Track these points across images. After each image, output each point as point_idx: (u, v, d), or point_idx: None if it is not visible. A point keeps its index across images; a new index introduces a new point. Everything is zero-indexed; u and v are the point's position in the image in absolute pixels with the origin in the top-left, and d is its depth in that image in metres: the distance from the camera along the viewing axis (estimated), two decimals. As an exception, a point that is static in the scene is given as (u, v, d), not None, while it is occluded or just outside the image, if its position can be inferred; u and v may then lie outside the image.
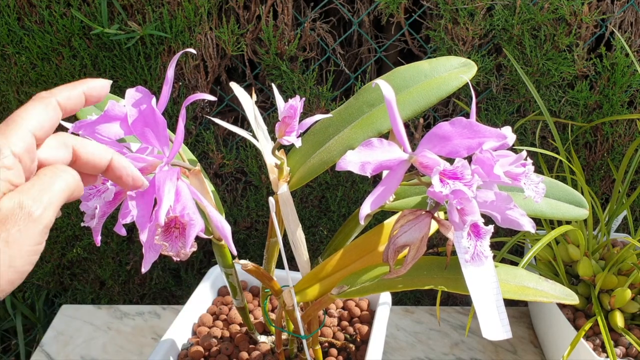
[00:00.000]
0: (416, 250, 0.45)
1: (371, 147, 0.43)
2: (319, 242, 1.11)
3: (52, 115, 0.34)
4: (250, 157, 1.03)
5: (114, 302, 1.19)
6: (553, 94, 0.99)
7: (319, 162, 0.54)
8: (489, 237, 0.43)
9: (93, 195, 0.42)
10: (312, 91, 0.97)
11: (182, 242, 0.38)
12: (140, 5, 0.90)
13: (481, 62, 0.96)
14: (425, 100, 0.52)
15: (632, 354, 0.78)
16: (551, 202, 0.55)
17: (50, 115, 0.34)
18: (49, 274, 1.15)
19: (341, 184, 1.05)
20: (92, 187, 0.41)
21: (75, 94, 0.36)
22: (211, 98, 0.42)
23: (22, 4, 0.89)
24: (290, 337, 0.68)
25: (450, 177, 0.41)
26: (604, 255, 0.86)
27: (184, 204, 0.39)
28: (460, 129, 0.42)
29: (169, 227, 0.38)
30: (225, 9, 0.94)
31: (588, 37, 0.95)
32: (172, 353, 0.69)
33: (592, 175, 1.07)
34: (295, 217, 0.55)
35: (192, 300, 0.76)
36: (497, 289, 0.48)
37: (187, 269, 1.15)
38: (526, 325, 0.97)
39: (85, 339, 0.92)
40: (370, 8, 0.95)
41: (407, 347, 0.92)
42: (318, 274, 0.58)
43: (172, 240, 0.38)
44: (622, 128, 1.02)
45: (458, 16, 0.92)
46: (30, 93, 0.97)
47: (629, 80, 0.97)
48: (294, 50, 0.94)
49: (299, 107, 0.52)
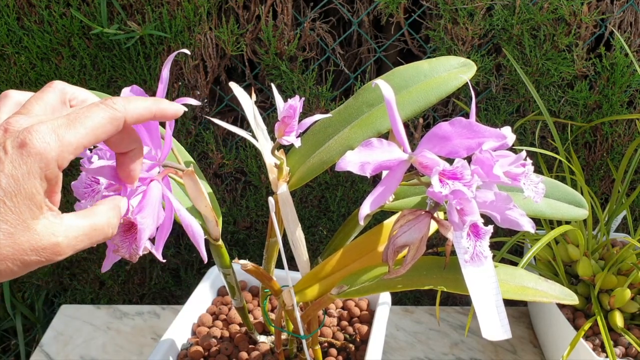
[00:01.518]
0: (416, 250, 0.45)
1: (371, 147, 0.43)
2: (319, 242, 1.11)
3: (108, 129, 0.33)
4: (250, 157, 1.03)
5: (113, 302, 1.18)
6: (552, 94, 0.99)
7: (318, 162, 0.54)
8: (489, 237, 0.43)
9: (87, 195, 0.42)
10: (312, 91, 0.97)
11: (135, 245, 0.38)
12: (139, 5, 0.90)
13: (481, 62, 0.96)
14: (425, 100, 0.52)
15: (631, 354, 0.78)
16: (551, 202, 0.55)
17: (107, 129, 0.33)
18: (48, 274, 1.15)
19: (341, 184, 1.05)
20: (87, 186, 0.41)
21: (147, 117, 0.35)
22: (195, 102, 0.42)
23: (21, 4, 0.89)
24: (290, 337, 0.68)
25: (450, 178, 0.41)
26: (604, 255, 0.86)
27: (142, 207, 0.39)
28: (460, 129, 0.42)
29: (129, 229, 0.38)
30: (225, 9, 0.94)
31: (587, 37, 0.95)
32: (172, 353, 0.69)
33: (591, 175, 1.07)
34: (294, 217, 0.55)
35: (191, 300, 0.76)
36: (496, 289, 0.48)
37: (187, 269, 1.15)
38: (526, 325, 0.97)
39: (84, 339, 0.92)
40: (370, 8, 0.95)
41: (406, 347, 0.92)
42: (318, 274, 0.58)
43: (127, 242, 0.38)
44: (622, 128, 1.02)
45: (457, 16, 0.92)
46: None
47: (628, 80, 0.97)
48: (293, 50, 0.94)
49: (298, 107, 0.52)
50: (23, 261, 0.30)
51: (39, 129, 0.30)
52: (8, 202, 0.29)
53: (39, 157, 0.30)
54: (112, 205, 0.36)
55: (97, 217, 0.34)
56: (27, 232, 0.30)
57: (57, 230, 0.31)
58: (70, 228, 0.32)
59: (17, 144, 0.29)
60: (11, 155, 0.29)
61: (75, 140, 0.31)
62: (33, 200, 0.30)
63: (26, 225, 0.30)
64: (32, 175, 0.30)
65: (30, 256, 0.30)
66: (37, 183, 0.30)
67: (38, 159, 0.30)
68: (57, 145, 0.30)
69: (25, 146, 0.29)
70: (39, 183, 0.30)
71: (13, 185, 0.29)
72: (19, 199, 0.30)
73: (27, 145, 0.29)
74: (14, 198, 0.29)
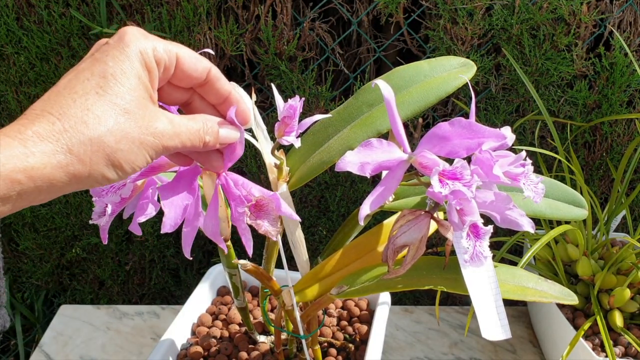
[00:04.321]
0: (415, 250, 0.45)
1: (370, 147, 0.43)
2: (318, 242, 1.11)
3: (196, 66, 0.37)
4: (250, 157, 1.03)
5: (113, 302, 1.18)
6: (552, 94, 0.99)
7: (318, 162, 0.54)
8: (488, 237, 0.43)
9: (108, 192, 0.42)
10: (312, 91, 0.97)
11: (273, 217, 0.41)
12: (139, 5, 0.90)
13: (480, 62, 0.96)
14: (425, 100, 0.52)
15: (631, 354, 0.78)
16: (550, 202, 0.55)
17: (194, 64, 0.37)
18: (48, 274, 1.15)
19: (340, 184, 1.05)
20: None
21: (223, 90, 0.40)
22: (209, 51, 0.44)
23: (20, 4, 0.89)
24: (290, 337, 0.68)
25: (450, 178, 0.41)
26: (603, 254, 0.86)
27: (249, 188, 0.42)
28: (460, 129, 0.42)
29: (259, 208, 0.41)
30: (224, 8, 0.94)
31: (587, 37, 0.95)
32: (172, 353, 0.69)
33: (591, 175, 1.07)
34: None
35: (191, 300, 0.76)
36: (496, 289, 0.48)
37: (186, 269, 1.15)
38: (525, 325, 0.97)
39: (84, 339, 0.92)
40: (370, 8, 0.95)
41: (406, 347, 0.92)
42: (317, 274, 0.58)
43: (264, 217, 0.41)
44: (621, 128, 1.02)
45: (457, 16, 0.92)
46: (29, 93, 0.97)
47: (627, 80, 0.97)
48: (293, 50, 0.94)
49: (298, 107, 0.52)
50: (141, 141, 0.32)
51: (136, 29, 0.35)
52: (120, 78, 0.32)
53: (137, 43, 0.34)
54: (207, 117, 0.38)
55: (194, 120, 0.37)
56: (142, 109, 0.33)
57: (166, 118, 0.34)
58: (175, 119, 0.35)
59: (118, 37, 0.34)
60: (113, 44, 0.34)
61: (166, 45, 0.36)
62: (142, 80, 0.33)
63: (139, 103, 0.33)
64: (135, 58, 0.33)
65: (147, 137, 0.33)
66: (140, 66, 0.33)
67: (137, 44, 0.34)
68: (152, 40, 0.35)
69: (124, 36, 0.34)
70: (141, 67, 0.33)
71: (121, 65, 0.33)
72: (129, 76, 0.33)
73: (126, 35, 0.34)
74: (124, 76, 0.32)
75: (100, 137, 0.30)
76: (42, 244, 1.11)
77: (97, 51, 0.33)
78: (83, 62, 0.33)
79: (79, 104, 0.30)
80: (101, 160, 0.31)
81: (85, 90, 0.31)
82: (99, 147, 0.30)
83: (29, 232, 1.10)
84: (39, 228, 1.09)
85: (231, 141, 0.40)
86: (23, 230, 1.10)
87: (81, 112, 0.30)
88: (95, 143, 0.30)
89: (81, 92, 0.31)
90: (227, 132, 0.39)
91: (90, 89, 0.31)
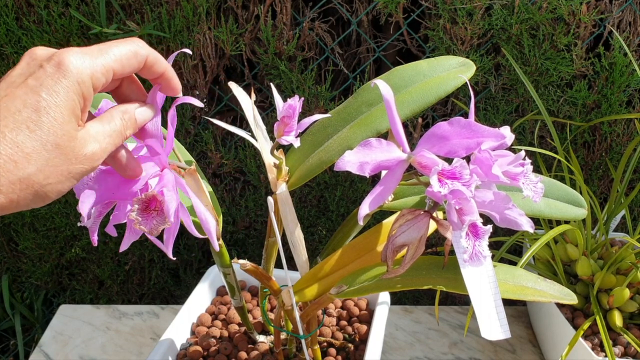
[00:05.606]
0: (415, 250, 0.45)
1: (370, 147, 0.43)
2: (318, 241, 1.11)
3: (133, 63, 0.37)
4: (249, 157, 1.03)
5: (112, 302, 1.18)
6: (551, 94, 0.99)
7: (317, 162, 0.54)
8: (488, 236, 0.43)
9: None
10: (311, 91, 0.97)
11: (156, 220, 0.40)
12: (138, 5, 0.90)
13: (480, 62, 0.96)
14: (424, 100, 0.52)
15: (630, 353, 0.78)
16: (550, 201, 0.55)
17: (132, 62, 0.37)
18: (47, 274, 1.15)
19: (340, 184, 1.05)
20: (89, 187, 0.42)
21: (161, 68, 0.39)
22: (198, 103, 0.43)
23: (20, 4, 0.89)
24: (289, 337, 0.68)
25: (449, 177, 0.41)
26: (603, 254, 0.86)
27: (163, 184, 0.41)
28: (459, 129, 0.42)
29: (147, 207, 0.40)
30: (224, 8, 0.94)
31: (586, 37, 0.95)
32: (171, 353, 0.69)
33: (590, 175, 1.07)
34: (294, 217, 0.55)
35: (190, 300, 0.76)
36: (495, 289, 0.48)
37: (186, 268, 1.15)
38: (525, 325, 0.97)
39: (84, 339, 0.92)
40: (369, 8, 0.95)
41: (406, 347, 0.92)
42: (317, 273, 0.58)
43: (147, 218, 0.40)
44: (621, 127, 1.02)
45: (457, 16, 0.92)
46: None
47: (627, 80, 0.97)
48: (292, 50, 0.94)
49: (297, 106, 0.52)
50: (69, 172, 0.33)
51: (73, 51, 0.34)
52: (52, 113, 0.32)
53: (76, 73, 0.33)
54: (123, 109, 0.39)
55: (113, 122, 0.37)
56: (72, 141, 0.33)
57: (91, 138, 0.34)
58: (98, 134, 0.35)
59: (55, 64, 0.33)
60: (50, 73, 0.32)
61: (106, 63, 0.35)
62: (75, 113, 0.33)
63: (70, 136, 0.33)
64: (71, 90, 0.33)
65: (76, 165, 0.33)
66: (76, 98, 0.33)
67: (75, 75, 0.33)
68: (90, 65, 0.34)
69: (62, 65, 0.33)
70: (77, 98, 0.33)
71: (55, 98, 0.32)
72: (62, 110, 0.32)
73: (63, 64, 0.33)
74: (57, 110, 0.32)
75: (30, 176, 0.31)
76: (42, 243, 1.11)
77: (31, 76, 0.32)
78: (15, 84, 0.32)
79: (9, 139, 0.30)
80: (29, 195, 0.31)
81: (17, 123, 0.31)
82: (28, 185, 0.31)
83: (29, 231, 1.10)
84: (39, 228, 1.09)
85: (147, 121, 0.40)
86: (22, 230, 1.10)
87: (11, 149, 0.30)
88: (24, 182, 0.31)
89: (12, 126, 0.31)
90: (142, 114, 0.40)
91: (22, 122, 0.31)
